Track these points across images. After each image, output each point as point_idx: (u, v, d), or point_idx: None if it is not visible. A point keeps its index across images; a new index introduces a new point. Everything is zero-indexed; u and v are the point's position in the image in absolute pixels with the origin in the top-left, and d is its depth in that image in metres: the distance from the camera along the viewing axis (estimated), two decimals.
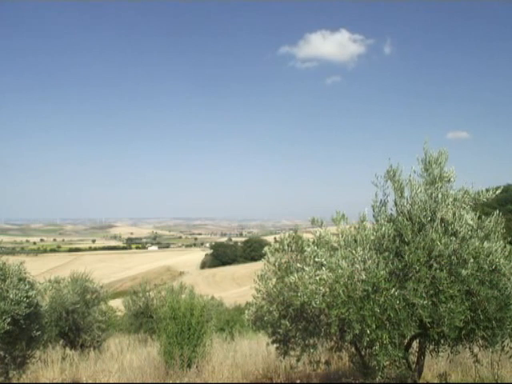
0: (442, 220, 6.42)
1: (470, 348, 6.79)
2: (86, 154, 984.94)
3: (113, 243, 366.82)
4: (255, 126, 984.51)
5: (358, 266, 6.25)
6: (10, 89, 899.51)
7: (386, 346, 5.99)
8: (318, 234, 7.29)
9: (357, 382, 8.15)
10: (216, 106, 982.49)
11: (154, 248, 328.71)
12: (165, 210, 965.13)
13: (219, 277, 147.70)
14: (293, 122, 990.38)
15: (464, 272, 6.06)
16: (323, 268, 6.40)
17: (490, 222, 6.57)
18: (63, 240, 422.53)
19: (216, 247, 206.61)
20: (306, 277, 6.52)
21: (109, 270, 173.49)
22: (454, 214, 6.41)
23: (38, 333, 9.84)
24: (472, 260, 6.13)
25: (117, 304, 26.89)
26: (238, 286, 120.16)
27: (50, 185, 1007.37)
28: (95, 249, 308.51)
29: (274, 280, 8.28)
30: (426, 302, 5.90)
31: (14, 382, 9.40)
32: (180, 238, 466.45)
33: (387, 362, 6.22)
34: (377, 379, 6.34)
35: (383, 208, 6.87)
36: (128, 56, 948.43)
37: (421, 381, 7.30)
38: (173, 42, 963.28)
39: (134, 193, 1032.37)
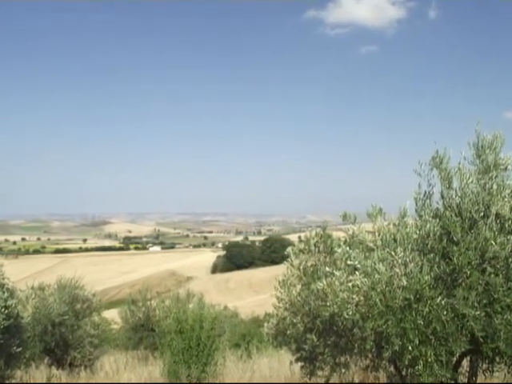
0: (497, 215, 6.39)
1: None
2: (75, 137, 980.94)
3: (107, 243, 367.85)
4: (275, 104, 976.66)
5: (397, 270, 6.27)
6: None
7: (431, 364, 6.00)
8: (350, 232, 7.32)
9: None
10: (229, 81, 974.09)
11: (157, 249, 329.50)
12: (169, 203, 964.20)
13: (233, 283, 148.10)
14: (320, 99, 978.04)
15: None
16: (357, 272, 6.43)
17: None
18: (49, 239, 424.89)
19: (229, 247, 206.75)
20: (337, 283, 6.56)
21: (103, 275, 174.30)
22: None
23: (19, 349, 9.95)
24: None
25: (112, 315, 27.05)
26: (255, 293, 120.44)
27: (33, 174, 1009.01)
28: (87, 249, 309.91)
29: (299, 287, 8.33)
30: (478, 312, 5.90)
31: None
32: (187, 236, 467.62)
33: None
34: None
35: (428, 201, 6.85)
36: (130, 23, 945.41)
37: None
38: (177, 8, 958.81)
39: (132, 183, 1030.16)
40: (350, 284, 6.35)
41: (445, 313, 5.95)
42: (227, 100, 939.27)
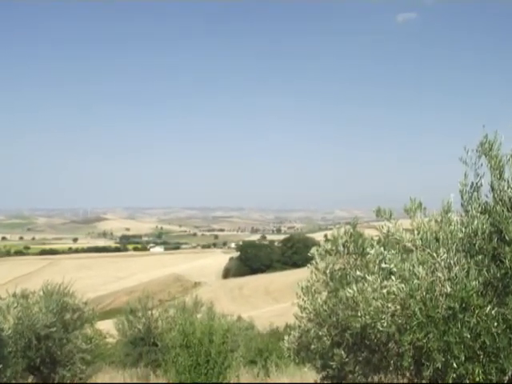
0: None
1: None
2: (64, 121, 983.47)
3: (102, 243, 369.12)
4: (298, 81, 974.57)
5: (440, 274, 6.26)
6: None
7: None
8: (385, 231, 7.30)
9: None
10: (244, 53, 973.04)
11: (159, 249, 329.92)
12: (174, 196, 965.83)
13: (248, 289, 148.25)
14: (351, 74, 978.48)
15: None
16: (392, 277, 6.42)
17: None
18: (33, 238, 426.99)
19: (244, 248, 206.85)
20: (369, 289, 6.56)
21: (96, 280, 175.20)
22: None
23: None
24: None
25: (107, 327, 27.15)
26: (274, 301, 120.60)
27: (14, 163, 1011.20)
28: (77, 250, 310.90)
29: (325, 294, 8.33)
30: None
31: None
32: (194, 235, 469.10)
33: None
34: None
35: (475, 194, 6.80)
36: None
37: None
38: None
39: (130, 174, 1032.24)
40: (384, 291, 6.35)
41: (495, 324, 5.93)
42: (241, 75, 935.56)
